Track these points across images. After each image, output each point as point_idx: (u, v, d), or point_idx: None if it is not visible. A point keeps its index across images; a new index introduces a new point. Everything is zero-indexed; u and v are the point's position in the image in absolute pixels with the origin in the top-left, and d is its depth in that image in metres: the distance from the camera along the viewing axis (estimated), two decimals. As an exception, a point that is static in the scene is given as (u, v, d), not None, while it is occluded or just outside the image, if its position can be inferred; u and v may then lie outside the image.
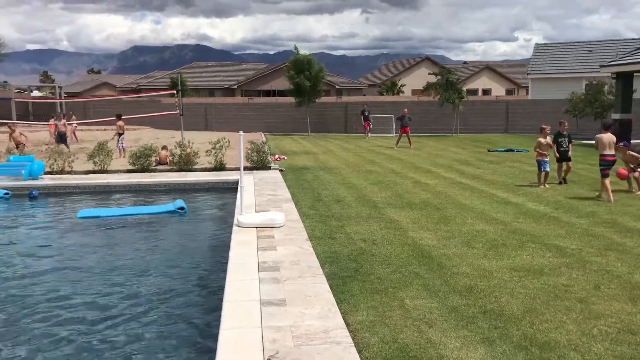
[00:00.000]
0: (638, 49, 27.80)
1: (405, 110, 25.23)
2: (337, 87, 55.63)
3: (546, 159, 12.46)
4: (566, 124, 13.22)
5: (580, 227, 8.65)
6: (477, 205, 10.55)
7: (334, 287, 5.96)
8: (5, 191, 12.40)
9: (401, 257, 7.18)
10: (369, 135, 30.54)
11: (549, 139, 12.73)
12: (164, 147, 16.83)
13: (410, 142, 23.77)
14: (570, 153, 12.84)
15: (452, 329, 4.90)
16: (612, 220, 9.04)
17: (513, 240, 7.92)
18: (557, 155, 12.81)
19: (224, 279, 6.16)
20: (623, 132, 23.04)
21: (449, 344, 4.61)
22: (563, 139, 12.85)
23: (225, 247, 7.69)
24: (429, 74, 36.57)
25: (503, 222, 9.14)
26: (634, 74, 23.64)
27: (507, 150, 21.94)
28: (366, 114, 30.82)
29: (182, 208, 10.82)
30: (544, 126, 12.87)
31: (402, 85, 61.76)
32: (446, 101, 30.15)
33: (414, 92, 57.27)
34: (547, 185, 12.42)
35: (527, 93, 41.77)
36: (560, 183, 12.75)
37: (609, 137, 11.06)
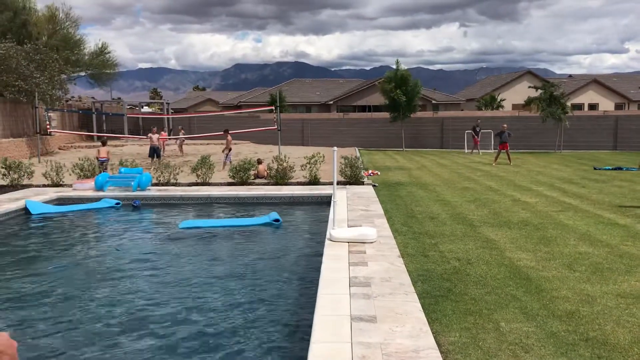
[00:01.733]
0: None
1: (505, 125, 24.47)
2: (433, 102, 54.88)
3: None
4: None
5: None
6: (580, 226, 10.00)
7: (425, 305, 5.87)
8: (117, 201, 13.30)
9: (497, 278, 6.95)
10: (480, 151, 30.03)
11: None
12: (260, 161, 17.38)
13: (509, 158, 22.98)
14: None
15: (550, 356, 4.68)
16: None
17: (620, 265, 7.44)
18: None
19: (316, 292, 6.25)
20: None
21: (547, 371, 4.40)
22: None
23: (318, 260, 7.80)
24: (529, 87, 35.19)
25: (609, 244, 8.60)
26: None
27: (615, 169, 20.65)
28: (477, 129, 30.31)
29: (277, 220, 11.11)
30: None
31: (501, 100, 59.85)
32: (549, 116, 28.88)
33: (515, 106, 55.31)
34: None
35: (639, 108, 39.08)
36: None
37: None
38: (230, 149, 20.83)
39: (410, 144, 33.68)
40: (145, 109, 68.50)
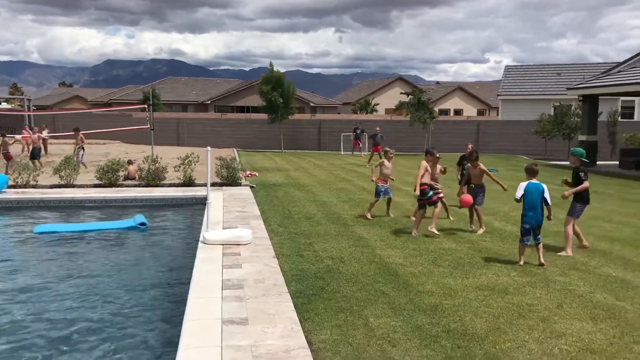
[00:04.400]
0: (603, 73, 28.52)
1: (377, 128, 25.41)
2: (311, 104, 55.81)
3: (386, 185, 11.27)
4: (470, 146, 12.97)
5: (546, 247, 8.71)
6: (445, 223, 10.59)
7: (298, 305, 5.88)
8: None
9: (368, 275, 7.14)
10: (354, 152, 30.82)
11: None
12: (130, 162, 16.59)
13: (382, 160, 23.88)
14: None
15: (415, 348, 4.86)
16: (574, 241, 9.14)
17: (479, 259, 7.96)
18: (459, 177, 12.48)
19: (186, 297, 6.04)
20: (589, 154, 23.58)
21: (411, 363, 4.56)
22: (467, 162, 11.96)
23: (190, 264, 7.56)
24: (401, 93, 36.93)
25: (470, 240, 9.19)
26: (600, 97, 24.24)
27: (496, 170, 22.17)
28: (358, 132, 31.10)
29: (143, 224, 10.61)
30: (387, 149, 11.64)
31: (375, 104, 62.28)
32: (417, 120, 30.46)
33: (387, 111, 57.81)
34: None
35: (498, 114, 42.50)
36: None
37: None
38: (82, 149, 19.48)
39: (289, 146, 33.95)
40: (4, 104, 62.95)
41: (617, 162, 23.36)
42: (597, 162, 23.58)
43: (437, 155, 9.97)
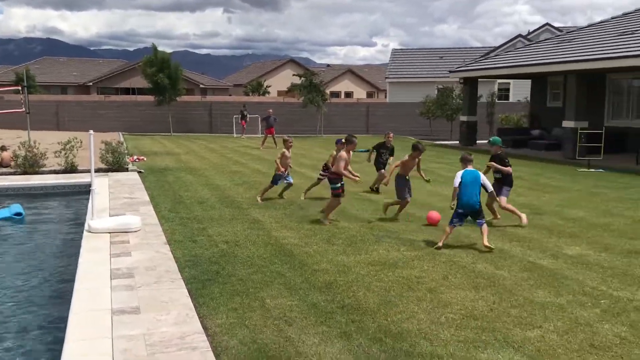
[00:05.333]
0: (482, 56, 30.28)
1: (271, 110, 25.34)
2: (201, 86, 54.55)
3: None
4: (392, 135, 12.83)
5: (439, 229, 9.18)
6: (343, 204, 10.79)
7: (193, 291, 5.77)
8: None
9: (264, 257, 7.14)
10: (244, 135, 30.54)
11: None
12: (4, 148, 15.35)
13: (275, 142, 23.88)
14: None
15: (311, 326, 4.94)
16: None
17: (371, 236, 8.21)
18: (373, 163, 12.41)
19: (71, 290, 5.71)
20: (470, 133, 25.03)
21: (308, 340, 4.63)
22: (385, 151, 12.34)
23: (74, 255, 7.15)
24: (293, 75, 37.04)
25: (363, 218, 9.45)
26: (479, 79, 25.74)
27: (367, 151, 22.77)
28: (245, 113, 30.80)
29: (18, 214, 9.85)
30: (286, 138, 11.65)
31: (267, 86, 62.05)
32: (310, 103, 30.73)
33: (280, 93, 57.81)
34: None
35: (386, 96, 43.92)
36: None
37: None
38: None
39: (178, 129, 32.96)
40: None
41: (494, 141, 24.98)
42: (477, 141, 25.09)
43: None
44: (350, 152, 9.64)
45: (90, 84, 52.19)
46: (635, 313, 5.25)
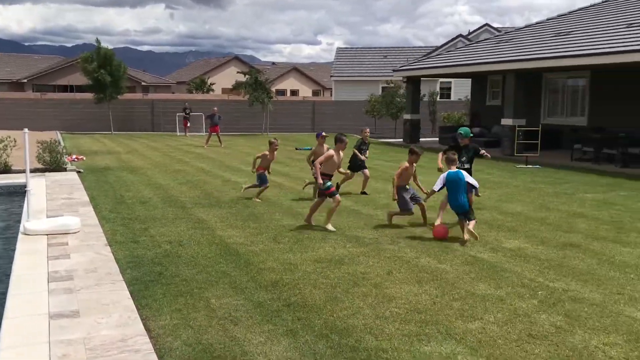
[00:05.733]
0: (424, 56, 30.88)
1: (215, 108, 25.03)
2: (143, 83, 53.33)
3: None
4: (368, 130, 12.59)
5: (377, 218, 9.29)
6: (284, 201, 10.80)
7: (135, 293, 5.63)
8: None
9: (208, 256, 7.05)
10: (188, 134, 30.06)
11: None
12: None
13: (220, 140, 23.63)
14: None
15: (257, 325, 4.91)
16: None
17: (318, 234, 8.23)
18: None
19: (5, 294, 5.47)
20: (413, 131, 25.49)
21: (254, 339, 4.60)
22: (366, 147, 12.20)
23: (9, 257, 6.85)
24: (238, 72, 36.73)
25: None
26: (421, 78, 26.23)
27: (310, 149, 22.83)
28: (187, 112, 30.28)
29: None
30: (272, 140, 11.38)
31: (212, 84, 61.30)
32: (256, 101, 30.53)
33: (224, 90, 57.21)
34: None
35: (332, 94, 44.14)
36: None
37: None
38: None
39: (119, 127, 32.09)
40: None
41: (437, 139, 25.52)
42: (420, 139, 25.57)
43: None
44: (340, 152, 8.71)
45: (25, 80, 50.13)
46: (570, 303, 5.48)
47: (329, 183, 8.47)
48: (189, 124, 30.28)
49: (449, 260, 6.92)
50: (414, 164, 8.77)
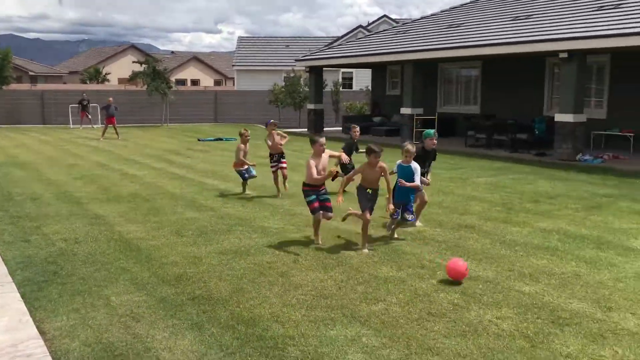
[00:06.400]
0: (326, 46, 31.21)
1: (111, 99, 23.94)
2: (30, 73, 50.06)
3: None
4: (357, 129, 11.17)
5: (283, 208, 9.31)
6: (187, 194, 10.56)
7: (27, 294, 5.30)
8: None
9: (107, 253, 6.76)
10: (84, 126, 28.53)
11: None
12: None
13: (117, 132, 22.67)
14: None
15: (161, 320, 4.78)
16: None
17: (222, 226, 8.12)
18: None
19: None
20: (317, 120, 25.74)
21: (157, 335, 4.48)
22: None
23: None
24: (134, 62, 35.31)
25: (212, 208, 9.31)
26: (324, 68, 26.50)
27: (216, 139, 22.52)
28: (85, 103, 28.66)
29: None
30: (242, 130, 10.82)
31: (107, 74, 58.57)
32: (155, 90, 29.54)
33: (121, 80, 54.88)
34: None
35: (234, 84, 43.58)
36: None
37: None
38: None
39: (5, 120, 29.90)
40: None
41: (340, 128, 25.93)
42: (325, 128, 25.88)
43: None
44: (323, 155, 7.36)
45: None
46: (466, 281, 5.77)
47: (312, 196, 7.22)
48: (89, 116, 28.72)
49: (353, 245, 7.07)
50: (376, 167, 6.89)
